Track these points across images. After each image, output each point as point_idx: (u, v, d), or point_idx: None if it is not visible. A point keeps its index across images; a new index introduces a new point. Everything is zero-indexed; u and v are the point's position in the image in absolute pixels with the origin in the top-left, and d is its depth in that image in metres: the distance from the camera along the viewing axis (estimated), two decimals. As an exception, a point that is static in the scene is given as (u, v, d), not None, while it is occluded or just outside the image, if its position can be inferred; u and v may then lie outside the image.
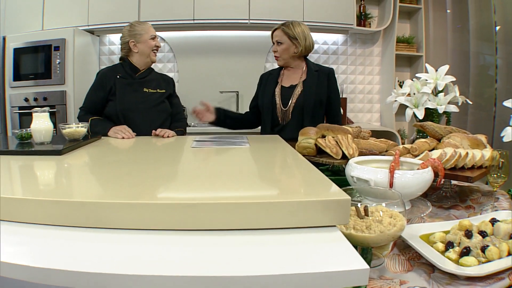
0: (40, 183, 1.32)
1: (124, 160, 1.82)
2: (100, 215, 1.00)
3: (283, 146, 2.15)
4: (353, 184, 1.57)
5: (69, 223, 1.02)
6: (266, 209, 1.00)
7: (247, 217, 1.00)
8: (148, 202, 1.00)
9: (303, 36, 2.88)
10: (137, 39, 2.88)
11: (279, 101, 2.96)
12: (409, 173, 1.50)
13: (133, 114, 2.81)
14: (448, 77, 2.24)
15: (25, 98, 4.35)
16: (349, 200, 1.03)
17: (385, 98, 5.13)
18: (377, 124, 5.33)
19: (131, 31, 2.89)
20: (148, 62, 2.95)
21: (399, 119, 5.07)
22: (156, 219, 0.99)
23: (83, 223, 1.01)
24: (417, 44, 5.05)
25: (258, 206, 1.00)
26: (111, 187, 1.26)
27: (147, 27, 2.93)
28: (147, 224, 1.00)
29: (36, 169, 1.59)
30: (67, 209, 1.02)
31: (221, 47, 5.01)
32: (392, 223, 1.10)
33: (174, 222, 0.99)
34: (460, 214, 1.61)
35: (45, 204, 1.03)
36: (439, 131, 2.04)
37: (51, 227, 1.02)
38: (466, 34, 4.61)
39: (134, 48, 2.89)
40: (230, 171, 1.55)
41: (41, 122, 2.10)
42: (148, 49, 2.90)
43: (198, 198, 1.05)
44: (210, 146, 2.16)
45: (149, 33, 2.91)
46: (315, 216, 1.01)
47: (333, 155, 1.92)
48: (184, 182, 1.38)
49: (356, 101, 5.29)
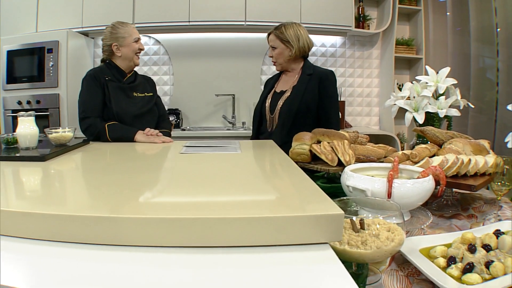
0: (15, 192, 1.25)
1: (109, 167, 1.74)
2: (73, 229, 0.93)
3: (276, 153, 2.08)
4: (349, 193, 1.50)
5: (40, 237, 0.95)
6: (249, 225, 0.92)
7: (228, 234, 0.92)
8: (122, 217, 0.93)
9: (295, 37, 2.79)
10: (120, 42, 2.75)
11: (268, 107, 2.89)
12: (409, 183, 1.42)
13: (129, 120, 2.69)
14: (449, 79, 2.18)
15: (18, 101, 4.27)
16: (343, 215, 0.95)
17: (384, 101, 5.06)
18: (376, 128, 5.26)
19: (113, 34, 2.76)
20: (132, 65, 2.84)
21: (399, 122, 5.01)
22: (127, 235, 0.92)
23: (55, 237, 0.94)
24: (417, 47, 4.98)
25: (240, 222, 0.92)
26: (89, 198, 1.19)
27: (130, 29, 2.80)
28: (118, 240, 0.92)
29: (15, 177, 1.52)
30: (38, 222, 0.95)
31: (217, 49, 4.94)
32: (390, 238, 1.02)
33: (144, 238, 0.92)
34: (462, 224, 1.53)
35: (14, 215, 0.96)
36: (440, 136, 1.96)
37: (18, 239, 0.95)
38: (467, 37, 4.56)
39: (117, 52, 2.76)
40: (215, 181, 1.47)
41: (27, 127, 2.03)
42: (132, 53, 2.78)
43: (175, 212, 0.98)
44: (199, 152, 2.08)
45: (133, 35, 2.78)
46: (304, 232, 0.93)
47: (328, 162, 1.85)
48: (163, 193, 1.30)
49: (355, 104, 5.22)
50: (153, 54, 4.95)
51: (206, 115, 4.97)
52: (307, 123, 2.75)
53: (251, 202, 1.18)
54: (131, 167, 1.72)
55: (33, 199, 1.17)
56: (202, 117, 4.93)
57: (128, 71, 2.83)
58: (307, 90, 2.77)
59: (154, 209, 1.07)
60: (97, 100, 2.66)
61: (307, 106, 2.76)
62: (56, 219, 0.94)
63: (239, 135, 4.27)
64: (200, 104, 4.94)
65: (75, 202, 1.14)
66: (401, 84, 4.81)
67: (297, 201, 1.16)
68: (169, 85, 5.00)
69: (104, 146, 2.37)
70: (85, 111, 2.64)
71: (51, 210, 0.97)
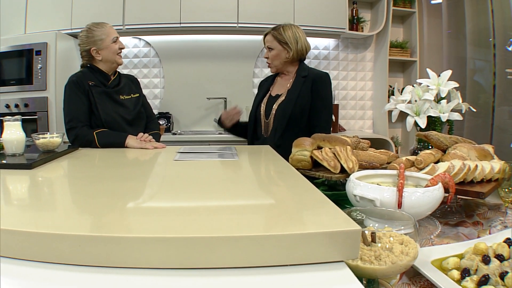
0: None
1: (100, 176, 1.65)
2: (62, 249, 0.85)
3: (275, 160, 2.00)
4: (355, 203, 1.42)
5: (24, 256, 0.86)
6: (259, 244, 0.84)
7: (235, 254, 0.84)
8: (111, 236, 0.84)
9: (294, 39, 2.71)
10: (99, 45, 2.61)
11: (263, 112, 2.82)
12: (419, 191, 1.35)
13: (118, 126, 2.58)
14: (451, 82, 2.13)
15: (6, 105, 4.15)
16: (360, 231, 0.89)
17: (378, 104, 5.09)
18: (370, 131, 5.21)
19: (90, 37, 2.62)
20: (115, 66, 2.70)
21: (392, 126, 4.98)
22: (118, 255, 0.84)
23: (42, 258, 0.85)
24: (411, 49, 4.94)
25: (249, 241, 0.85)
26: (79, 213, 1.10)
27: (107, 29, 2.64)
28: (107, 261, 0.84)
29: None
30: (23, 240, 0.86)
31: (208, 51, 4.86)
32: (404, 252, 0.96)
33: (139, 260, 0.84)
34: (469, 232, 1.47)
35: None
36: (444, 141, 1.91)
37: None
38: (462, 39, 4.52)
39: (97, 56, 2.62)
40: (215, 193, 1.38)
41: (13, 132, 1.95)
42: (113, 55, 2.63)
43: (173, 230, 0.89)
44: (194, 159, 1.99)
45: (110, 35, 2.62)
46: (318, 251, 0.87)
47: (330, 168, 1.78)
48: (158, 207, 1.20)
49: (348, 107, 5.17)
50: (143, 56, 4.85)
51: (198, 118, 4.89)
52: (301, 126, 2.71)
53: (257, 218, 1.08)
54: (123, 176, 1.64)
55: (18, 214, 1.08)
56: (193, 121, 4.85)
57: (111, 73, 2.70)
58: (301, 92, 2.71)
59: (151, 226, 0.97)
60: (83, 108, 2.54)
61: (301, 109, 2.69)
62: (44, 238, 0.86)
63: (231, 140, 4.17)
64: (191, 108, 4.86)
65: (64, 218, 1.04)
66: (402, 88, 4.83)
67: (309, 216, 1.08)
68: (160, 88, 4.91)
69: (93, 152, 2.27)
70: (71, 120, 2.51)
71: (38, 228, 0.89)
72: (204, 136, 4.30)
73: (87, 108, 2.55)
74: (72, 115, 2.52)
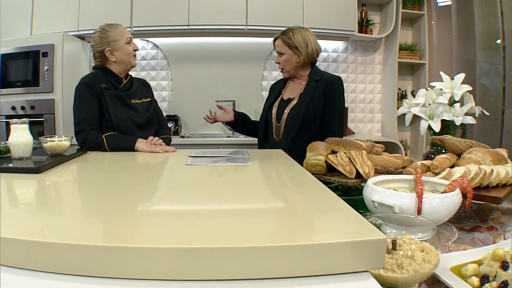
0: (5, 213, 1.11)
1: (110, 181, 1.60)
2: (73, 259, 0.81)
3: (289, 164, 1.95)
4: (373, 209, 1.38)
5: (35, 267, 0.83)
6: (282, 254, 0.81)
7: (258, 265, 0.80)
8: (126, 246, 0.81)
9: (303, 43, 2.66)
10: (113, 46, 2.56)
11: (274, 115, 2.78)
12: (439, 197, 1.31)
13: (129, 130, 2.54)
14: (464, 86, 2.08)
15: (12, 107, 4.14)
16: (385, 240, 0.86)
17: (387, 107, 5.04)
18: (379, 134, 5.17)
19: (104, 38, 2.57)
20: (129, 68, 2.66)
21: (402, 129, 4.94)
22: (135, 267, 0.80)
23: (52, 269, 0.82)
24: (420, 52, 4.89)
25: (272, 251, 0.81)
26: (90, 221, 1.06)
27: (121, 30, 2.60)
28: (122, 272, 0.80)
29: (6, 193, 1.39)
30: (33, 250, 0.83)
31: (217, 54, 4.83)
32: (426, 259, 0.94)
33: (159, 271, 0.80)
34: (485, 237, 1.43)
35: (5, 242, 0.84)
36: (459, 145, 1.87)
37: (10, 269, 0.84)
38: (472, 42, 4.48)
39: (111, 57, 2.58)
40: (231, 199, 1.33)
41: (20, 135, 1.92)
42: (127, 56, 2.59)
43: (193, 240, 0.86)
44: (207, 163, 1.94)
45: (124, 36, 2.58)
46: (343, 261, 0.83)
47: (346, 173, 1.74)
48: (175, 215, 1.14)
49: (357, 110, 5.13)
50: (151, 58, 4.83)
51: (206, 121, 4.81)
52: (313, 131, 2.67)
53: (278, 226, 1.03)
54: (134, 181, 1.60)
55: (26, 222, 1.03)
56: (202, 124, 4.80)
57: (123, 75, 2.66)
58: (314, 96, 2.67)
59: (165, 235, 0.93)
60: (94, 111, 2.49)
61: (314, 113, 2.65)
62: (54, 248, 0.82)
63: (239, 143, 4.17)
64: (199, 111, 4.76)
65: (74, 227, 0.99)
66: (404, 90, 4.80)
67: (332, 224, 1.04)
68: (168, 90, 4.89)
69: (102, 156, 2.24)
70: (81, 123, 2.47)
71: (48, 238, 0.85)
72: (212, 140, 4.27)
73: (97, 111, 2.50)
74: (82, 118, 2.47)
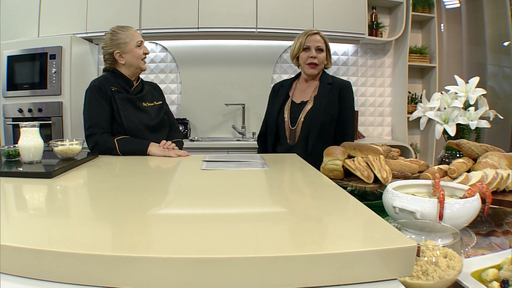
0: (18, 220, 1.08)
1: (125, 186, 1.55)
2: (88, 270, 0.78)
3: (306, 169, 1.91)
4: (394, 215, 1.35)
5: (41, 277, 0.81)
6: (309, 264, 0.79)
7: (285, 275, 0.78)
8: (143, 256, 0.78)
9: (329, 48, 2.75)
10: (123, 48, 2.53)
11: (287, 119, 2.72)
12: (460, 202, 1.29)
13: (141, 133, 2.50)
14: (479, 89, 2.08)
15: (19, 109, 4.11)
16: (415, 248, 0.86)
17: (397, 111, 4.99)
18: (388, 138, 5.12)
19: (114, 40, 2.54)
20: (138, 71, 2.62)
21: (412, 132, 4.89)
22: (151, 278, 0.77)
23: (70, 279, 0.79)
24: (430, 55, 4.84)
25: (299, 261, 0.79)
26: (105, 229, 1.02)
27: (132, 32, 2.57)
28: (136, 284, 0.77)
29: (17, 198, 1.35)
30: (47, 261, 0.80)
31: (226, 57, 4.79)
32: (450, 266, 0.95)
33: (178, 283, 0.76)
34: (501, 242, 1.43)
35: (18, 252, 0.81)
36: (476, 149, 1.87)
37: (24, 280, 0.81)
38: (482, 45, 4.43)
39: (120, 60, 2.55)
40: (252, 206, 1.29)
41: (30, 139, 1.88)
42: (137, 60, 2.55)
43: (214, 250, 0.82)
44: (223, 168, 1.90)
45: (135, 39, 2.55)
46: (373, 269, 0.82)
47: (364, 178, 1.72)
48: (191, 222, 1.09)
49: (367, 114, 5.08)
50: (160, 61, 4.80)
51: (215, 125, 4.83)
52: (329, 134, 2.68)
53: (303, 234, 0.99)
54: (150, 187, 1.55)
55: (40, 231, 0.98)
56: (211, 127, 4.78)
57: (134, 78, 2.62)
58: (329, 100, 2.66)
59: (185, 244, 0.88)
60: (104, 115, 2.45)
61: (331, 117, 2.65)
62: (71, 258, 0.79)
63: (249, 146, 4.12)
64: (208, 114, 4.79)
65: (91, 236, 0.95)
66: (414, 93, 4.75)
67: (358, 232, 1.02)
68: (177, 94, 4.85)
69: (114, 160, 2.20)
70: (91, 127, 2.43)
71: (63, 247, 0.82)
72: (222, 143, 4.22)
73: (108, 114, 2.47)
74: (93, 121, 2.43)
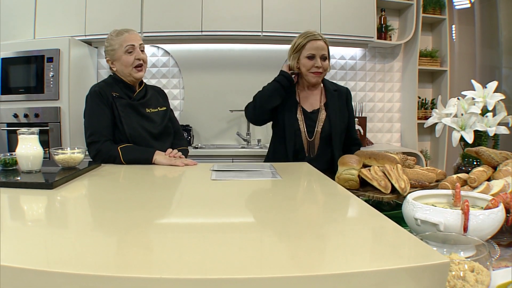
0: (16, 237, 0.96)
1: (132, 199, 1.43)
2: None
3: (321, 179, 1.83)
4: (415, 227, 1.33)
5: None
6: (336, 283, 0.75)
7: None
8: (148, 277, 0.73)
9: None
10: (112, 56, 2.38)
11: (303, 129, 2.54)
12: (485, 213, 1.26)
13: (143, 140, 2.36)
14: (497, 94, 1.98)
15: (15, 114, 3.93)
16: (448, 264, 0.82)
17: (406, 116, 4.86)
18: (398, 144, 4.98)
19: (106, 46, 2.40)
20: (133, 80, 2.43)
21: (421, 139, 4.75)
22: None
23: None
24: (441, 58, 4.69)
25: (324, 280, 0.75)
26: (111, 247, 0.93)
27: (124, 37, 2.36)
28: None
29: (15, 212, 1.23)
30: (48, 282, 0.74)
31: (231, 61, 4.65)
32: (479, 280, 0.93)
33: None
34: None
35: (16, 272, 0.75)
36: (495, 157, 1.81)
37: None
38: (496, 47, 4.29)
39: (113, 67, 2.41)
40: (269, 220, 1.19)
41: (29, 147, 1.74)
42: (126, 68, 2.36)
43: (232, 270, 0.77)
44: (234, 178, 1.80)
45: (123, 45, 2.34)
46: (404, 286, 0.78)
47: (381, 189, 1.66)
48: (206, 239, 1.00)
49: (375, 120, 4.94)
50: (162, 66, 4.66)
51: (219, 132, 4.68)
52: (342, 143, 2.62)
53: (326, 250, 0.94)
54: (158, 199, 1.45)
55: (39, 249, 0.90)
56: (215, 134, 4.64)
57: (136, 83, 2.47)
58: (341, 107, 2.59)
59: (199, 264, 0.81)
60: (106, 121, 2.31)
61: (345, 125, 2.59)
62: (73, 279, 0.73)
63: (254, 154, 3.98)
64: (212, 120, 4.65)
65: (95, 255, 0.86)
66: (424, 98, 4.61)
67: (386, 247, 0.95)
68: (179, 99, 4.71)
69: (118, 169, 2.07)
70: (93, 134, 2.29)
71: (64, 267, 0.76)
72: (226, 150, 4.08)
73: (110, 121, 2.32)
74: (94, 129, 2.29)
